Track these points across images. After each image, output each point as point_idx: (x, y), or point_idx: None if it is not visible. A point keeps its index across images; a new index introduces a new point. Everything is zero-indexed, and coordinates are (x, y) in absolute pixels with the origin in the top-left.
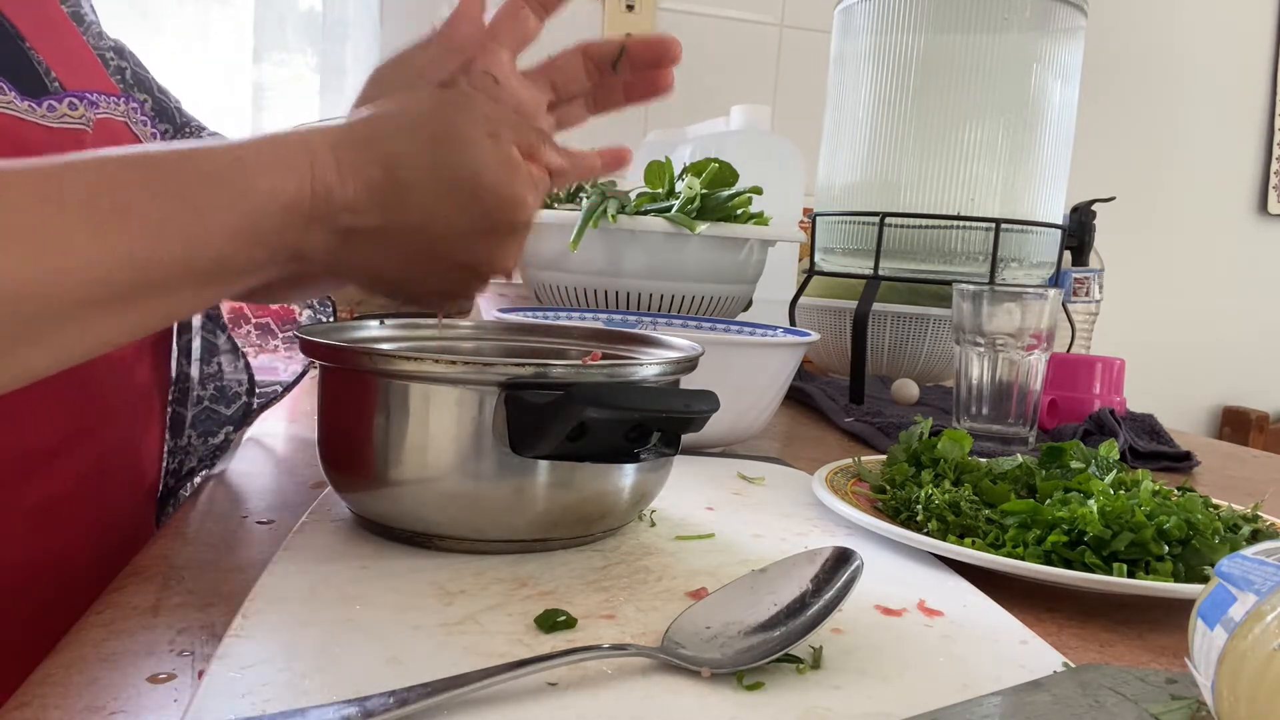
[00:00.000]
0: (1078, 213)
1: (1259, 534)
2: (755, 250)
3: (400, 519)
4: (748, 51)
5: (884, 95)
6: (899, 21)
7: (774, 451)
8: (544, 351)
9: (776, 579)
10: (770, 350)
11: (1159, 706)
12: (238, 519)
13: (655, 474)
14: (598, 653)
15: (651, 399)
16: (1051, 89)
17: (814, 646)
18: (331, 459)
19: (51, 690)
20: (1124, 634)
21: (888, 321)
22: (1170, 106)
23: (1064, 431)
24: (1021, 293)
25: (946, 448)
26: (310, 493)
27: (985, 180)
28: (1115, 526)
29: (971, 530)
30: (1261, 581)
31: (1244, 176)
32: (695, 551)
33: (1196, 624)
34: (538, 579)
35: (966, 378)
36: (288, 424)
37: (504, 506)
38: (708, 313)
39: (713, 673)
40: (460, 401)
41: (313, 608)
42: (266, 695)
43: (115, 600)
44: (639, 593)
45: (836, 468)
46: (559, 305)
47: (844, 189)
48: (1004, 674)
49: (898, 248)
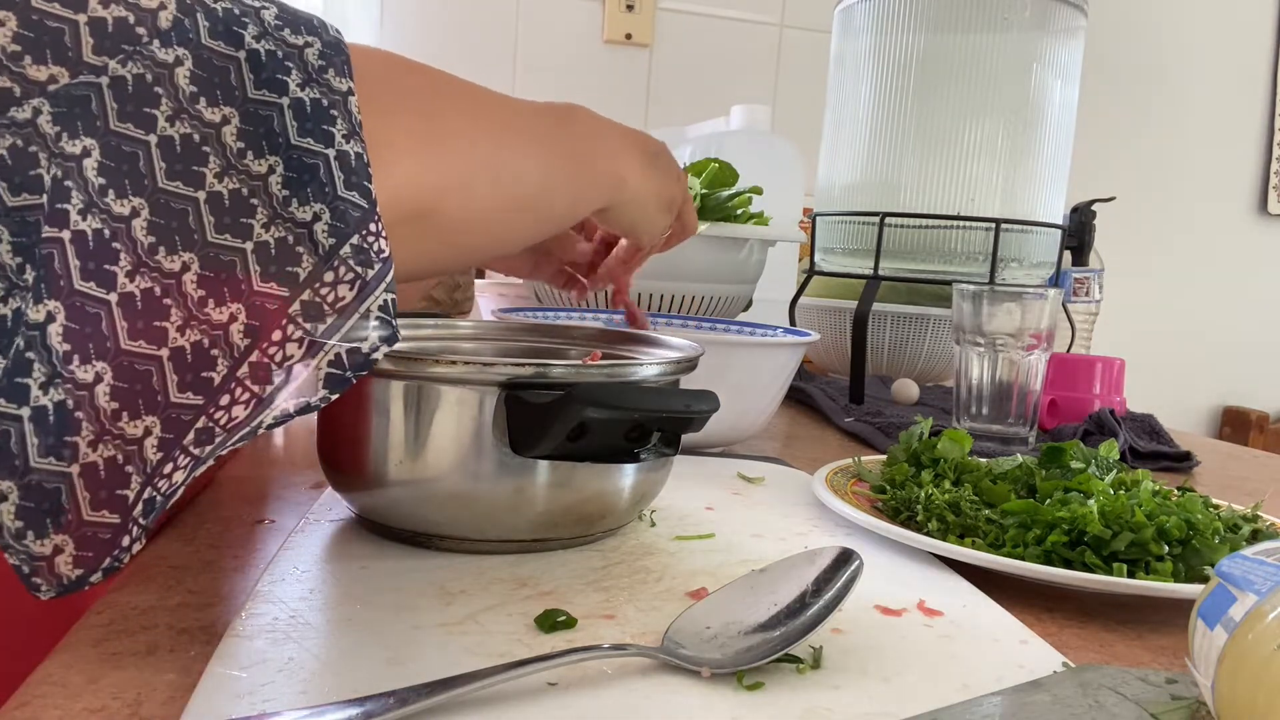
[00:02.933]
0: (1078, 213)
1: (1259, 534)
2: (755, 250)
3: (400, 519)
4: (748, 51)
5: (884, 95)
6: (899, 21)
7: (774, 451)
8: (544, 351)
9: (776, 579)
10: (770, 350)
11: (1159, 706)
12: (238, 519)
13: (655, 474)
14: (598, 653)
15: (651, 399)
16: (1051, 89)
17: (814, 646)
18: (331, 459)
19: (51, 690)
20: (1124, 634)
21: (888, 321)
22: (1170, 106)
23: (1064, 431)
24: (1021, 293)
25: (946, 448)
26: (310, 493)
27: (985, 180)
28: (1115, 526)
29: (971, 530)
30: (1261, 581)
31: (1244, 176)
32: (695, 551)
33: (1196, 624)
34: (538, 579)
35: (966, 378)
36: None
37: (504, 506)
38: (708, 313)
39: (713, 673)
40: (460, 401)
41: (313, 607)
42: (266, 695)
43: (115, 600)
44: (639, 593)
45: (836, 468)
46: (559, 305)
47: (844, 189)
48: (1004, 674)
49: (898, 248)
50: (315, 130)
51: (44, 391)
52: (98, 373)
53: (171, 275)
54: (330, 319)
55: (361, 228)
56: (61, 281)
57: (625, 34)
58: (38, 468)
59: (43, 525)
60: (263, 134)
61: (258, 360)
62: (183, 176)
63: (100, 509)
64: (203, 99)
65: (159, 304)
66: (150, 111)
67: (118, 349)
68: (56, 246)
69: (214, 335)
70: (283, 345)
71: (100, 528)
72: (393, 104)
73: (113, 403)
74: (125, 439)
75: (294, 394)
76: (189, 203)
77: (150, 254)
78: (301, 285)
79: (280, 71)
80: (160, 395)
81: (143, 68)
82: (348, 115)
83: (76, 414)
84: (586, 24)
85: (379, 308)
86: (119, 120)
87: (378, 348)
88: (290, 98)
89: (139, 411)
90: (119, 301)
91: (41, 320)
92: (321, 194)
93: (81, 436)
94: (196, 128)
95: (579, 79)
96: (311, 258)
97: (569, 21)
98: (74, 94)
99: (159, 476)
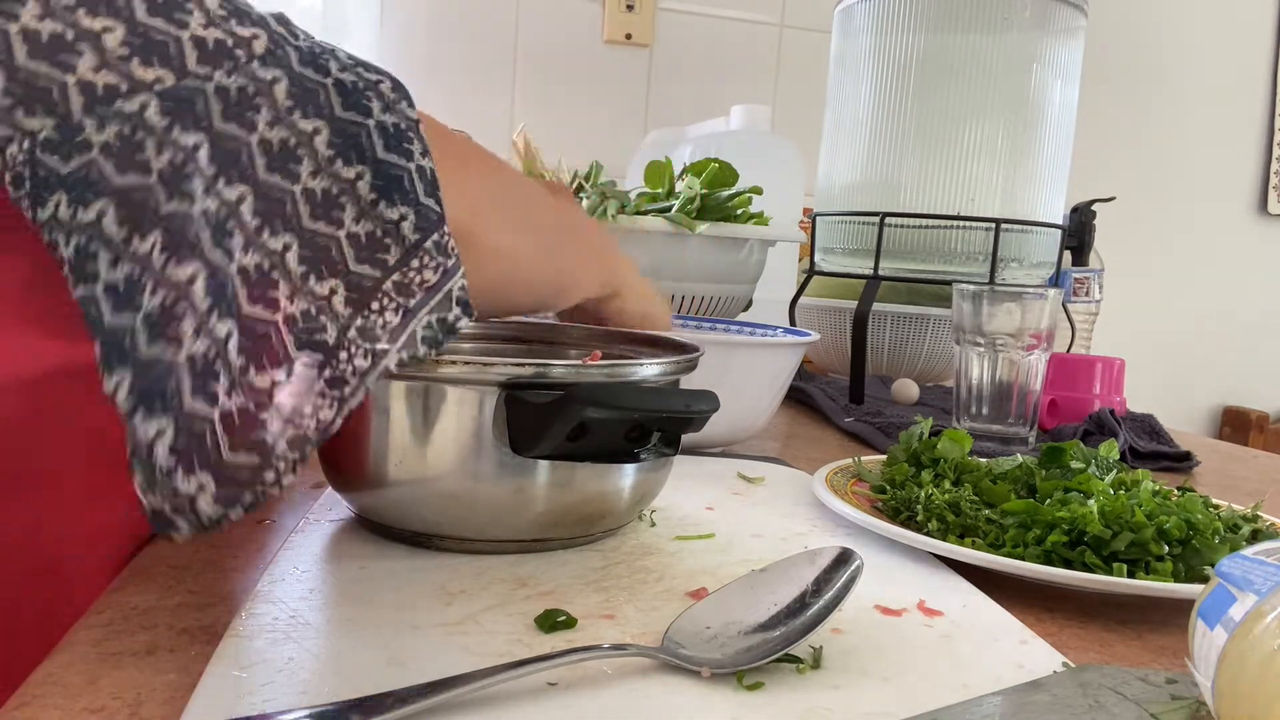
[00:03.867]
0: (1078, 213)
1: (1259, 534)
2: (755, 250)
3: (400, 519)
4: (748, 51)
5: (884, 95)
6: (899, 21)
7: (774, 451)
8: (544, 351)
9: (776, 579)
10: (770, 350)
11: (1159, 706)
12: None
13: (655, 474)
14: (598, 653)
15: (651, 399)
16: (1051, 89)
17: (814, 646)
18: (331, 459)
19: (51, 690)
20: (1124, 634)
21: (888, 321)
22: (1170, 106)
23: (1064, 431)
24: (1021, 293)
25: (946, 448)
26: (310, 493)
27: (985, 180)
28: (1115, 526)
29: (971, 530)
30: (1261, 581)
31: (1244, 176)
32: (695, 551)
33: (1196, 624)
34: (538, 579)
35: (966, 378)
36: None
37: (504, 506)
38: (708, 313)
39: (713, 673)
40: (460, 401)
41: (313, 607)
42: (266, 695)
43: (115, 600)
44: (639, 593)
45: (836, 468)
46: None
47: (844, 189)
48: (1004, 674)
49: (898, 248)
50: (398, 148)
51: (194, 340)
52: (229, 330)
53: (276, 253)
54: (419, 294)
55: (439, 228)
56: (195, 249)
57: (625, 34)
58: (190, 411)
59: (190, 463)
60: (352, 146)
61: (363, 325)
62: (280, 171)
63: (238, 450)
64: (298, 112)
65: (268, 277)
66: (251, 116)
67: (239, 312)
68: (188, 220)
69: (319, 304)
70: (382, 313)
71: (239, 469)
72: (438, 142)
73: (240, 358)
74: (255, 389)
75: (400, 348)
76: (286, 194)
77: (257, 234)
78: (391, 269)
79: (363, 98)
80: (282, 351)
81: (245, 80)
82: (421, 139)
83: (215, 364)
84: (586, 24)
85: (459, 288)
86: (223, 120)
87: (461, 317)
88: (375, 120)
89: (264, 366)
90: (237, 271)
91: (185, 280)
92: (406, 199)
93: (220, 386)
94: (292, 133)
95: (579, 79)
96: (399, 248)
97: (569, 21)
98: (181, 94)
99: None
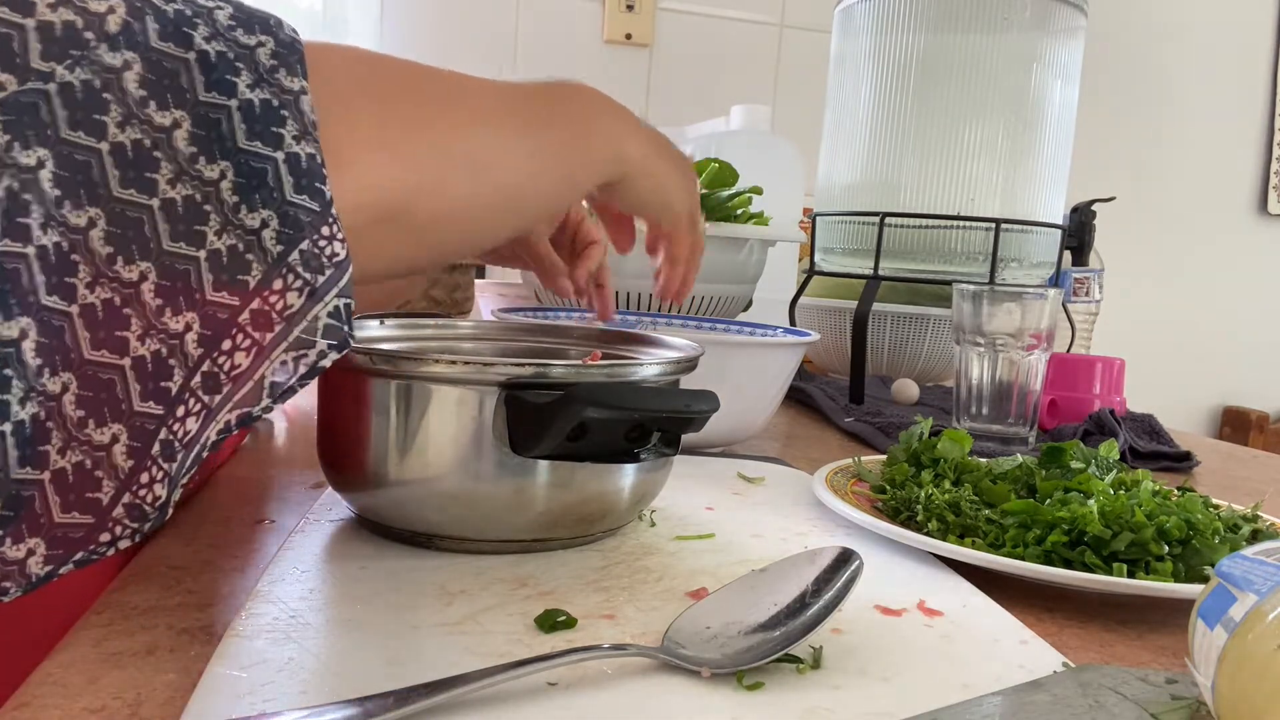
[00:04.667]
0: (1078, 213)
1: (1259, 534)
2: (755, 250)
3: (400, 519)
4: (748, 51)
5: (884, 95)
6: (899, 21)
7: (774, 451)
8: (544, 351)
9: (776, 579)
10: (770, 350)
11: (1159, 706)
12: (238, 519)
13: (655, 474)
14: (598, 653)
15: (651, 399)
16: (1051, 89)
17: (814, 646)
18: (331, 459)
19: (51, 690)
20: (1124, 634)
21: (888, 321)
22: (1170, 106)
23: (1064, 431)
24: (1021, 293)
25: (946, 448)
26: (310, 493)
27: (985, 180)
28: (1115, 526)
29: (971, 530)
30: (1261, 581)
31: (1244, 176)
32: (695, 551)
33: (1196, 624)
34: (538, 579)
35: (966, 378)
36: (288, 424)
37: (504, 506)
38: (708, 313)
39: (713, 673)
40: (460, 401)
41: (313, 607)
42: (266, 695)
43: (115, 600)
44: (639, 593)
45: (836, 468)
46: (559, 305)
47: (844, 189)
48: (1004, 674)
49: (898, 248)
50: (264, 133)
51: (21, 406)
52: (64, 383)
53: (130, 285)
54: (278, 327)
55: (313, 232)
56: (30, 297)
57: (625, 34)
58: (16, 478)
59: (19, 531)
60: (214, 138)
61: (209, 370)
62: (136, 184)
63: (70, 510)
64: (153, 103)
65: (119, 314)
66: (100, 118)
67: (81, 359)
68: (22, 262)
69: (171, 345)
70: (231, 355)
71: (71, 528)
72: (356, 101)
73: (79, 411)
74: (93, 445)
75: (237, 404)
76: (143, 210)
77: (109, 264)
78: (251, 293)
79: (230, 73)
80: (124, 404)
81: (91, 73)
82: (299, 115)
83: (47, 424)
84: (586, 24)
85: (329, 314)
86: (69, 128)
87: (325, 355)
88: (239, 99)
89: (105, 419)
90: (80, 313)
91: (15, 337)
92: (270, 199)
93: (52, 445)
94: (147, 133)
95: (579, 79)
96: (261, 265)
97: (569, 21)
98: (22, 101)
99: (137, 485)
